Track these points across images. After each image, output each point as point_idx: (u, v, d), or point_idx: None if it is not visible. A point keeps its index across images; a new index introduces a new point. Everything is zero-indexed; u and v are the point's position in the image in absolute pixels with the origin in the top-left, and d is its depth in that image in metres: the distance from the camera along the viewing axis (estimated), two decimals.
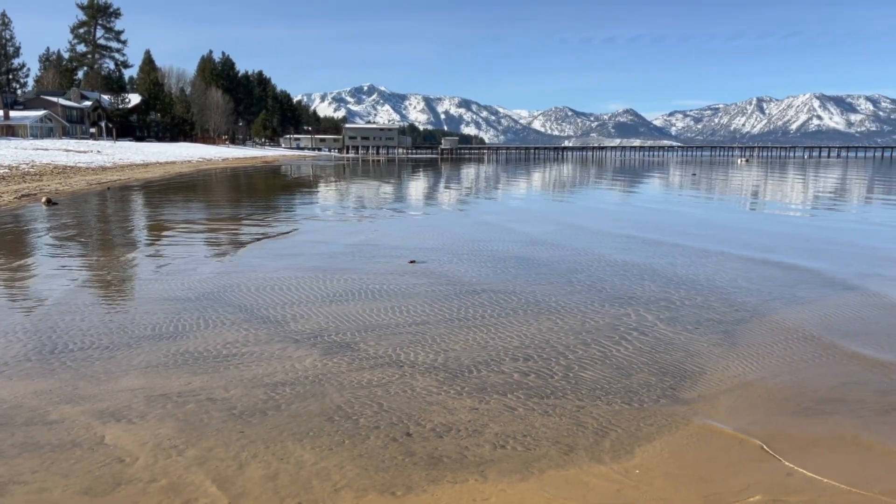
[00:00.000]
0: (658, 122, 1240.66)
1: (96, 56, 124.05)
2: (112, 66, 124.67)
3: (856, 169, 66.35)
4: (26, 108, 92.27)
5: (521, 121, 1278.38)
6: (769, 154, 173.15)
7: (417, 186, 36.27)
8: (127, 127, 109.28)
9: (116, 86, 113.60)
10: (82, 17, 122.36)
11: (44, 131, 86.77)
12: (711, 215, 20.83)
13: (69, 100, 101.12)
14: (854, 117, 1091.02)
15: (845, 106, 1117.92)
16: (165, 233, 14.93)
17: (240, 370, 5.82)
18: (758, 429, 4.74)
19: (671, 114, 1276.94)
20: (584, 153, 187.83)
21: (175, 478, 4.00)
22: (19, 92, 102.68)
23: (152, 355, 6.20)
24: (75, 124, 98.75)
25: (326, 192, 30.56)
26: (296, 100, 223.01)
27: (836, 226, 17.56)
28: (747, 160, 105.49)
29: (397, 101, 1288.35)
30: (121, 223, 16.97)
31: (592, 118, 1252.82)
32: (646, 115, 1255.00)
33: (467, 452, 4.35)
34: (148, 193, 27.38)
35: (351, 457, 4.27)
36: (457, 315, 7.70)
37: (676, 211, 22.07)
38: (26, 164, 34.90)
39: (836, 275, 10.10)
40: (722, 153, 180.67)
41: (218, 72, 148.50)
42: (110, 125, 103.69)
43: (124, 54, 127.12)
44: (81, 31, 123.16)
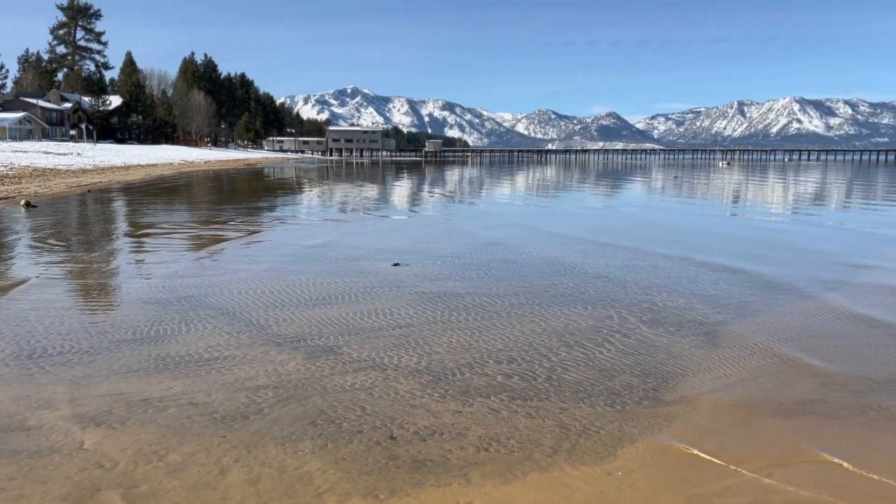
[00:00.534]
0: (641, 126, 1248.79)
1: (76, 57, 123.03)
2: (92, 67, 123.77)
3: (834, 172, 67.17)
4: (5, 109, 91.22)
5: (505, 123, 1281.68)
6: (750, 157, 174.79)
7: (401, 189, 36.24)
8: (108, 129, 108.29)
9: (97, 87, 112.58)
10: (62, 18, 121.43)
11: (23, 133, 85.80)
12: (693, 220, 20.97)
13: (49, 101, 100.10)
14: (833, 121, 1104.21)
15: (824, 110, 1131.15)
16: (147, 236, 14.80)
17: (222, 374, 5.78)
18: (738, 431, 4.78)
19: (653, 117, 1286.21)
20: (568, 156, 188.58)
21: (156, 483, 3.96)
22: None
23: (133, 359, 6.14)
24: (55, 126, 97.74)
25: (310, 195, 30.46)
26: (279, 102, 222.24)
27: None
28: (728, 163, 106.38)
29: (381, 103, 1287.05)
30: (101, 226, 16.81)
31: (576, 121, 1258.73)
32: (628, 119, 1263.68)
33: (451, 455, 4.34)
34: (129, 196, 27.14)
35: (334, 461, 4.25)
36: (440, 317, 7.70)
37: (662, 215, 22.20)
38: (4, 166, 34.50)
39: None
40: (703, 156, 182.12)
41: (200, 74, 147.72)
42: (91, 127, 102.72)
43: (105, 56, 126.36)
44: (61, 32, 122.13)
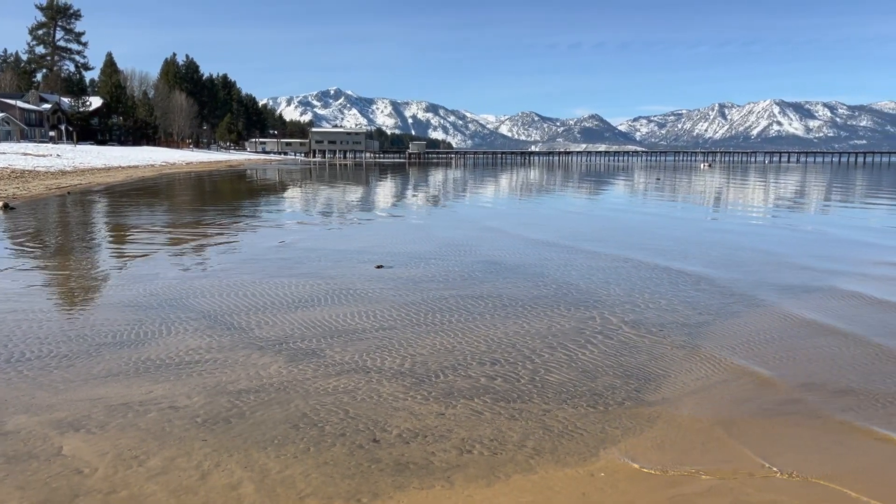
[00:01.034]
0: (623, 128, 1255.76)
1: (56, 58, 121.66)
2: (72, 68, 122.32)
3: (814, 174, 67.92)
4: None
5: (489, 125, 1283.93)
6: (731, 159, 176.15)
7: (385, 191, 36.18)
8: (88, 130, 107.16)
9: (77, 88, 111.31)
10: (41, 18, 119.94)
11: (1, 134, 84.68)
12: (664, 223, 21.10)
13: (27, 102, 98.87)
14: (812, 123, 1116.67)
15: (804, 112, 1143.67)
16: (127, 238, 14.67)
17: (203, 378, 5.73)
18: (720, 430, 4.81)
19: (636, 119, 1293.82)
20: (551, 158, 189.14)
21: (136, 489, 3.91)
22: None
23: (113, 363, 6.08)
24: (34, 127, 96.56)
25: (292, 197, 30.33)
26: (261, 103, 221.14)
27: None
28: (710, 165, 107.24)
29: (364, 105, 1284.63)
30: (81, 228, 16.63)
31: (559, 123, 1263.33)
32: (611, 121, 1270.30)
33: (434, 458, 4.34)
34: (109, 198, 26.87)
35: (316, 464, 4.23)
36: (424, 319, 7.69)
37: (645, 219, 22.33)
38: None
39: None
40: (685, 158, 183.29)
41: (182, 75, 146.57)
42: (70, 128, 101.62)
43: (85, 56, 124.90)
44: (40, 32, 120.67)
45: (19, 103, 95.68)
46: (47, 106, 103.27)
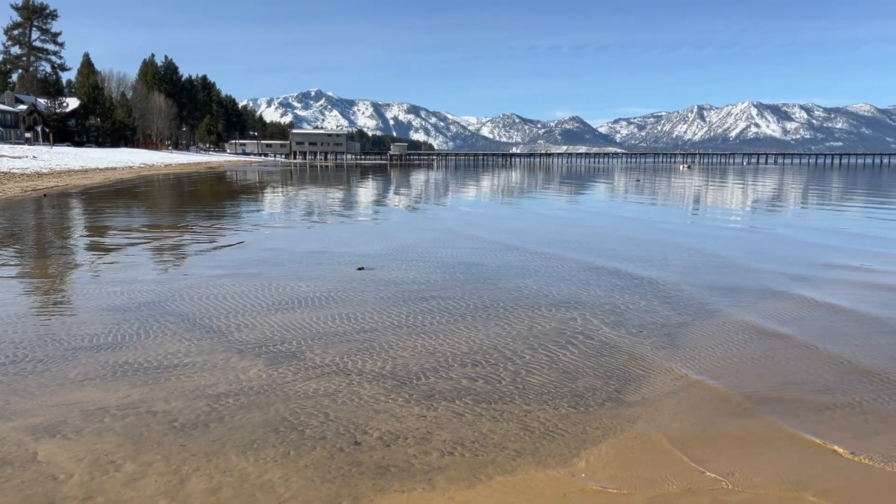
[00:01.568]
0: (603, 130, 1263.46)
1: (32, 58, 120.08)
2: (48, 68, 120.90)
3: (790, 176, 68.73)
4: None
5: (470, 127, 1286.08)
6: (710, 160, 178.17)
7: (366, 193, 36.11)
8: (65, 132, 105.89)
9: (53, 89, 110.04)
10: (16, 18, 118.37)
11: None
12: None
13: (2, 103, 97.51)
14: (789, 125, 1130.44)
15: (781, 114, 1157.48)
16: (105, 241, 14.50)
17: (182, 381, 5.67)
18: (699, 430, 4.84)
19: (616, 121, 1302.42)
20: (532, 160, 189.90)
21: (112, 495, 3.86)
22: None
23: (90, 367, 6.00)
24: (9, 129, 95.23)
25: (272, 199, 30.16)
26: (241, 104, 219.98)
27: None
28: (689, 166, 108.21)
29: (345, 106, 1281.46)
30: (57, 231, 16.41)
31: (540, 125, 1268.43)
32: (591, 123, 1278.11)
33: (415, 461, 4.32)
34: (87, 200, 26.56)
35: (296, 468, 4.20)
36: (405, 322, 7.67)
37: (621, 223, 22.44)
38: None
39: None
40: (665, 160, 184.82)
41: (160, 76, 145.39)
42: (47, 130, 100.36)
43: (61, 57, 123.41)
44: (16, 32, 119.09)
45: None
46: (23, 107, 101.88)
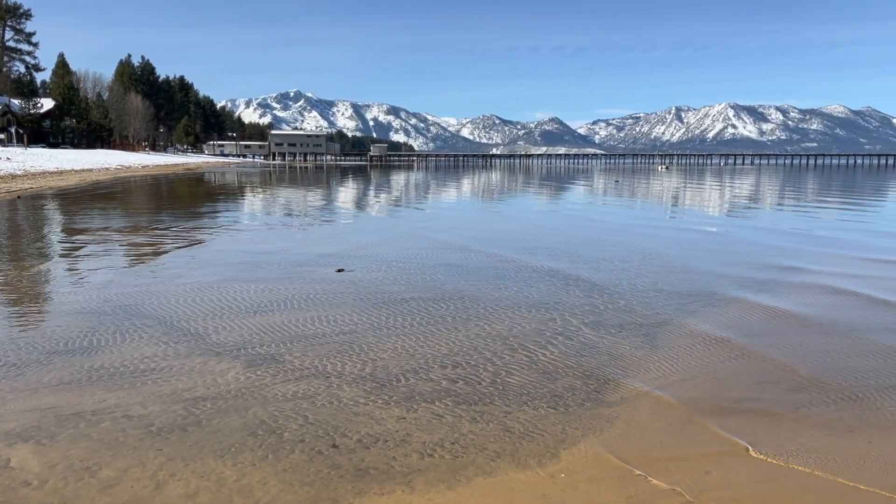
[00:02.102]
0: (582, 131, 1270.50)
1: (5, 59, 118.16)
2: (23, 69, 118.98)
3: (766, 176, 69.54)
4: None
5: (450, 128, 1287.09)
6: (688, 161, 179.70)
7: (346, 194, 35.98)
8: (39, 133, 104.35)
9: (27, 90, 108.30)
10: None
11: None
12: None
13: None
14: (766, 126, 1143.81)
15: (757, 115, 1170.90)
16: (80, 243, 14.31)
17: (158, 385, 5.61)
18: (678, 428, 4.88)
19: (595, 122, 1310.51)
20: (512, 160, 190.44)
21: (87, 501, 3.81)
22: None
23: (64, 372, 5.92)
24: None
25: (251, 201, 29.94)
26: (219, 105, 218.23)
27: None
28: (667, 167, 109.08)
29: (325, 107, 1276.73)
30: (32, 233, 16.17)
31: (519, 126, 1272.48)
32: (570, 124, 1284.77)
33: (394, 463, 4.31)
34: (62, 202, 26.21)
35: (275, 472, 4.17)
36: (385, 323, 7.65)
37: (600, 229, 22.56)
38: None
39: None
40: (643, 161, 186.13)
41: (137, 76, 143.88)
42: (21, 131, 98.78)
43: (36, 57, 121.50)
44: None
45: None
46: None
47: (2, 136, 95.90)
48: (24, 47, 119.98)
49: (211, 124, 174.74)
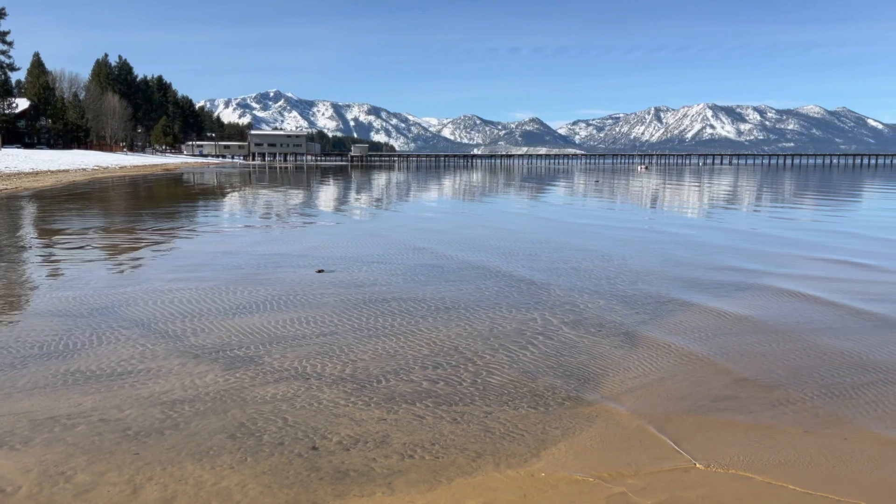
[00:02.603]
0: (563, 131, 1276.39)
1: None
2: None
3: (743, 176, 70.27)
4: None
5: (431, 128, 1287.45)
6: (667, 161, 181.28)
7: (327, 195, 35.83)
8: (14, 133, 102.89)
9: (2, 90, 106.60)
10: None
11: None
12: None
13: None
14: (743, 126, 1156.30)
15: (735, 116, 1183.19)
16: (56, 245, 14.11)
17: (135, 388, 5.55)
18: (655, 427, 4.91)
19: (575, 122, 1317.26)
20: (493, 161, 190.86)
21: None
22: None
23: (39, 376, 5.83)
24: None
25: (231, 201, 29.72)
26: (198, 105, 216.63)
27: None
28: (647, 167, 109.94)
29: (305, 107, 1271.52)
30: (6, 235, 15.92)
31: (500, 126, 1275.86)
32: (551, 124, 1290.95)
33: (374, 464, 4.29)
34: (38, 203, 25.85)
35: (253, 474, 4.13)
36: (366, 324, 7.62)
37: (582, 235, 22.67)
38: None
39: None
40: (623, 161, 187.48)
41: (114, 76, 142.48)
42: None
43: (10, 56, 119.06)
44: None
45: None
46: None
47: None
48: None
49: (190, 124, 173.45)
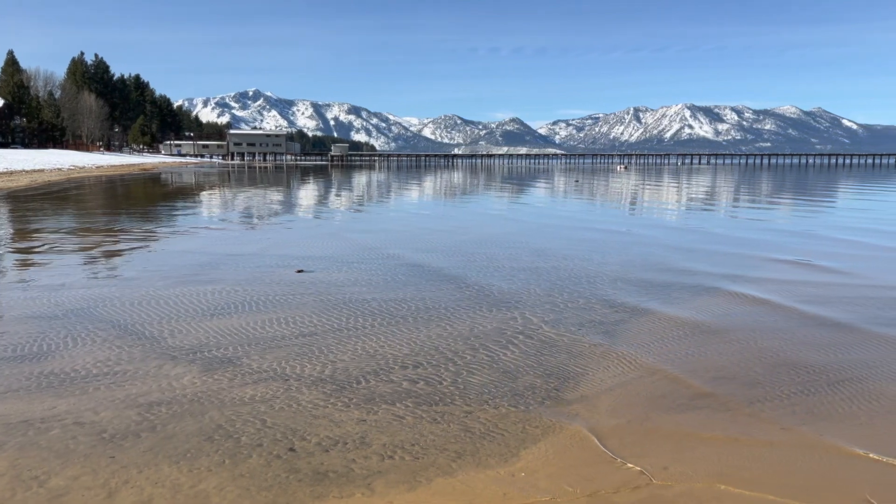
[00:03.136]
0: (543, 131, 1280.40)
1: None
2: None
3: (721, 175, 70.94)
4: None
5: (412, 128, 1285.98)
6: (646, 161, 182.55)
7: (306, 195, 35.66)
8: None
9: None
10: None
11: None
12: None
13: None
14: (721, 126, 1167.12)
15: (713, 116, 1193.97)
16: (30, 246, 13.90)
17: (111, 391, 5.47)
18: (636, 426, 4.93)
19: (555, 122, 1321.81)
20: (474, 161, 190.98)
21: None
22: None
23: (12, 379, 5.73)
24: None
25: (208, 202, 29.47)
26: (176, 105, 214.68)
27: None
28: (626, 167, 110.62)
29: (285, 106, 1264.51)
30: None
31: (481, 126, 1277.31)
32: (531, 124, 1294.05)
33: (354, 465, 4.26)
34: (12, 204, 25.46)
35: (231, 477, 4.09)
36: (346, 324, 7.58)
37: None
38: None
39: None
40: (603, 160, 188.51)
41: (91, 75, 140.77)
42: None
43: None
44: None
45: None
46: None
47: None
48: None
49: (168, 124, 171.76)
